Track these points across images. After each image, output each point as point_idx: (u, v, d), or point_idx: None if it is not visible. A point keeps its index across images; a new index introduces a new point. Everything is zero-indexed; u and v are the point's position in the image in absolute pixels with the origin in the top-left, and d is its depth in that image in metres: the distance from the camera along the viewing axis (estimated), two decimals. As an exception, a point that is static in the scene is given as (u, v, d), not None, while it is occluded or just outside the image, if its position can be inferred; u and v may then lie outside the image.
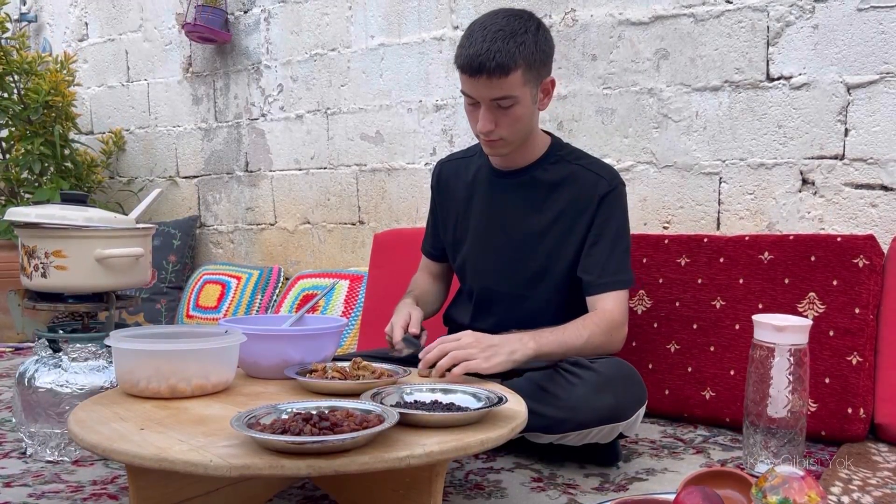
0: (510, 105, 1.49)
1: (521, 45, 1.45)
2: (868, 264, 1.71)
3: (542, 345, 1.43)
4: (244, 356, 1.38)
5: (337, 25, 2.83)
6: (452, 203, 1.76)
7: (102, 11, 3.55)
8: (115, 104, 3.55)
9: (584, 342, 1.48)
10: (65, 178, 3.19)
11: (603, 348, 1.52)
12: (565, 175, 1.63)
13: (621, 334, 1.56)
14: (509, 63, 1.44)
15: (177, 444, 1.00)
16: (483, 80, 1.45)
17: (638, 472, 1.49)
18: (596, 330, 1.51)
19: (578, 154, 1.67)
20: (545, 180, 1.63)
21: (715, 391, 1.81)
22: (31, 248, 1.58)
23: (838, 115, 1.93)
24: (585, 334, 1.49)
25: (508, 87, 1.46)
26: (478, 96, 1.49)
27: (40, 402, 1.55)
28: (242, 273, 2.98)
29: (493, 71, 1.44)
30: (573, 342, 1.47)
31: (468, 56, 1.46)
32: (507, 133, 1.53)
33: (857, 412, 1.63)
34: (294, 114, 2.97)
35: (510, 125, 1.52)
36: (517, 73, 1.46)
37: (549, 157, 1.65)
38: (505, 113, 1.50)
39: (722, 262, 1.88)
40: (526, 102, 1.51)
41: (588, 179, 1.61)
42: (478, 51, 1.44)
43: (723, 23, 2.06)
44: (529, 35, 1.47)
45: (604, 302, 1.56)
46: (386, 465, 0.96)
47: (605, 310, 1.55)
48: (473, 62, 1.45)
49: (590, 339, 1.49)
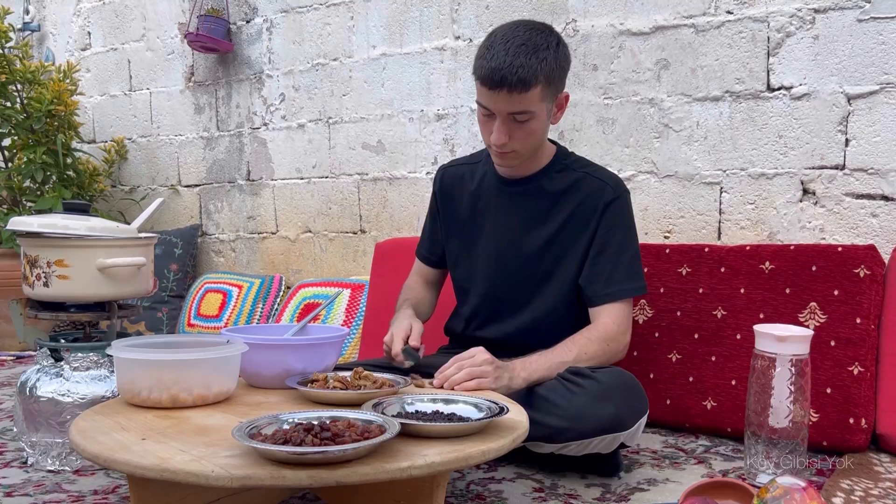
0: (526, 119, 1.49)
1: (543, 62, 1.45)
2: (869, 274, 1.71)
3: (531, 372, 1.46)
4: (246, 366, 1.38)
5: (339, 35, 2.84)
6: (456, 209, 1.76)
7: (105, 21, 3.57)
8: (117, 113, 3.56)
9: (574, 358, 1.49)
10: (67, 187, 3.19)
11: (600, 360, 1.52)
12: (570, 183, 1.63)
13: (620, 344, 1.57)
14: (531, 79, 1.44)
15: (178, 454, 1.00)
16: (503, 93, 1.45)
17: (639, 482, 1.49)
18: (587, 344, 1.52)
19: (584, 162, 1.68)
20: (551, 189, 1.64)
21: (716, 401, 1.81)
22: (33, 257, 1.59)
23: (839, 126, 1.93)
24: (575, 350, 1.50)
25: (528, 103, 1.47)
26: (496, 109, 1.49)
27: (42, 411, 1.55)
28: (244, 282, 2.98)
29: (515, 86, 1.43)
30: (563, 360, 1.48)
31: (490, 69, 1.45)
32: (519, 146, 1.54)
33: (859, 422, 1.63)
34: (296, 123, 2.98)
35: (524, 139, 1.52)
36: (537, 88, 1.46)
37: (555, 166, 1.66)
38: (520, 127, 1.50)
39: (723, 272, 1.88)
40: (542, 117, 1.52)
41: (593, 187, 1.62)
42: (500, 64, 1.43)
43: (723, 33, 2.07)
44: (551, 51, 1.47)
45: (601, 315, 1.57)
46: (387, 475, 0.96)
47: (600, 323, 1.56)
48: (495, 75, 1.44)
49: (580, 353, 1.50)
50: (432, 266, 1.86)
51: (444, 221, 1.79)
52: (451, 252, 1.78)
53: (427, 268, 1.86)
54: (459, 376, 1.40)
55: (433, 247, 1.84)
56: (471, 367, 1.41)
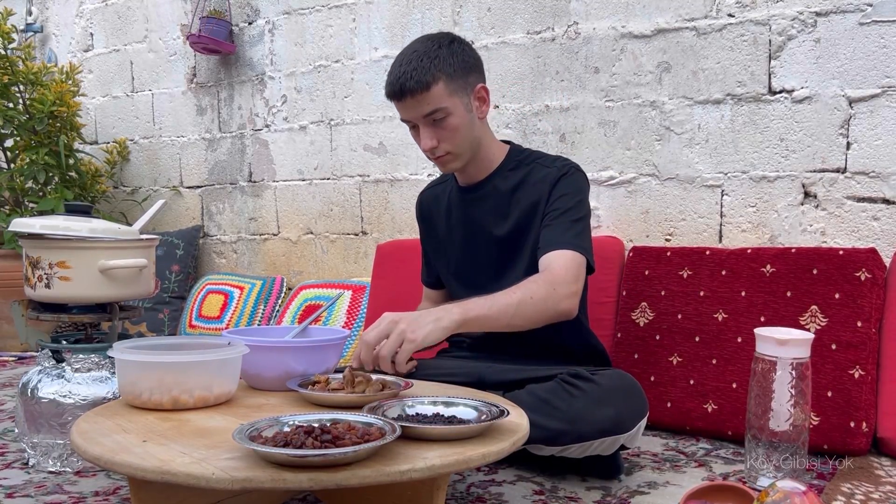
0: (443, 117, 1.55)
1: (436, 59, 1.53)
2: (870, 277, 1.71)
3: (468, 309, 1.38)
4: (247, 368, 1.38)
5: (341, 37, 2.84)
6: (436, 230, 1.81)
7: (108, 22, 3.57)
8: (119, 114, 3.57)
9: (519, 300, 1.42)
10: (69, 188, 3.20)
11: (545, 305, 1.45)
12: (523, 177, 1.66)
13: (566, 290, 1.48)
14: (427, 78, 1.51)
15: (179, 456, 1.00)
16: (409, 100, 1.54)
17: (640, 485, 1.49)
18: (532, 286, 1.45)
19: (536, 155, 1.70)
20: (506, 188, 1.67)
21: (717, 404, 1.81)
22: (35, 258, 1.59)
23: (840, 129, 1.93)
24: (519, 292, 1.43)
25: (434, 101, 1.53)
26: (411, 118, 1.57)
27: (43, 412, 1.55)
28: (245, 283, 2.99)
29: (414, 89, 1.52)
30: (505, 301, 1.41)
31: (390, 83, 1.55)
32: (450, 146, 1.58)
33: (860, 426, 1.63)
34: (297, 125, 2.98)
35: (450, 137, 1.57)
36: (439, 85, 1.52)
37: (508, 164, 1.69)
38: (442, 126, 1.56)
39: (724, 275, 1.88)
40: (459, 112, 1.56)
41: (541, 173, 1.64)
42: (397, 75, 1.54)
43: (725, 36, 2.07)
44: (443, 49, 1.55)
45: (548, 261, 1.52)
46: (388, 478, 0.96)
47: (548, 268, 1.50)
48: (395, 87, 1.54)
49: (525, 296, 1.42)
50: (435, 288, 1.90)
51: (430, 243, 1.85)
52: (441, 271, 1.83)
53: (432, 291, 1.91)
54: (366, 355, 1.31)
55: (430, 270, 1.89)
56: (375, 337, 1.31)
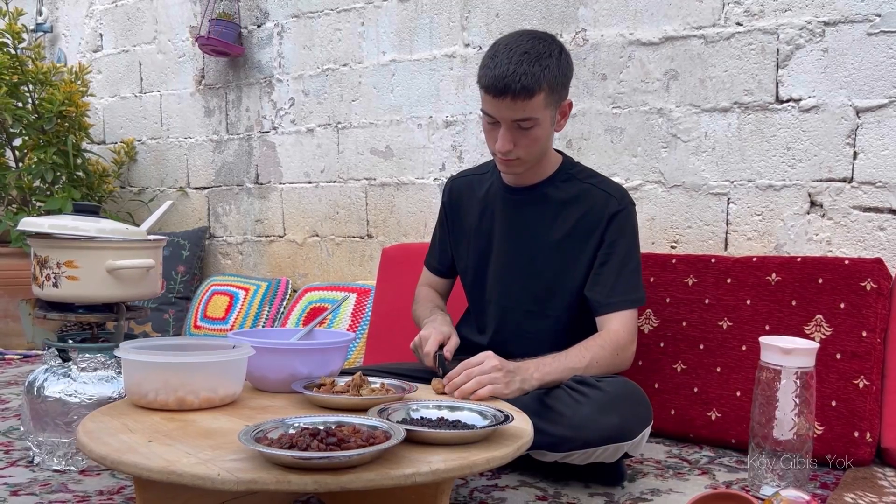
0: (530, 126, 1.51)
1: (546, 69, 1.48)
2: (876, 288, 1.71)
3: (545, 374, 1.46)
4: (252, 369, 1.38)
5: (349, 41, 2.85)
6: (465, 219, 1.77)
7: (117, 23, 3.59)
8: (127, 115, 3.58)
9: (587, 364, 1.50)
10: (76, 188, 3.21)
11: (609, 368, 1.53)
12: (576, 193, 1.64)
13: (628, 353, 1.58)
14: (534, 86, 1.46)
15: (184, 456, 1.00)
16: (507, 101, 1.47)
17: (643, 492, 1.49)
18: (600, 352, 1.52)
19: (590, 173, 1.69)
20: (557, 197, 1.65)
21: (721, 412, 1.81)
22: (43, 258, 1.60)
23: (847, 138, 1.93)
24: (588, 356, 1.51)
25: (531, 110, 1.49)
26: (500, 117, 1.51)
27: (48, 411, 1.56)
28: (250, 285, 2.99)
29: (518, 93, 1.46)
30: (576, 365, 1.49)
31: (493, 77, 1.47)
32: (524, 153, 1.56)
33: (864, 436, 1.63)
34: (305, 127, 2.99)
35: (528, 146, 1.54)
36: (541, 95, 1.48)
37: (561, 175, 1.67)
38: (524, 134, 1.52)
39: (729, 283, 1.88)
40: (545, 124, 1.54)
41: (599, 198, 1.63)
42: (503, 72, 1.46)
43: (733, 45, 2.08)
44: (553, 59, 1.50)
45: (610, 322, 1.58)
46: (392, 482, 0.97)
47: (611, 330, 1.56)
48: (499, 83, 1.46)
49: (593, 360, 1.51)
50: (441, 276, 1.87)
51: (453, 231, 1.81)
52: (461, 261, 1.80)
53: (436, 277, 1.88)
54: (469, 386, 1.39)
55: (442, 257, 1.85)
56: (480, 374, 1.40)
